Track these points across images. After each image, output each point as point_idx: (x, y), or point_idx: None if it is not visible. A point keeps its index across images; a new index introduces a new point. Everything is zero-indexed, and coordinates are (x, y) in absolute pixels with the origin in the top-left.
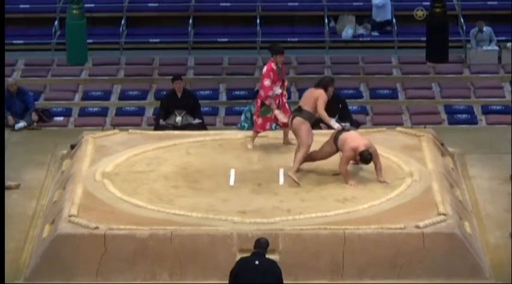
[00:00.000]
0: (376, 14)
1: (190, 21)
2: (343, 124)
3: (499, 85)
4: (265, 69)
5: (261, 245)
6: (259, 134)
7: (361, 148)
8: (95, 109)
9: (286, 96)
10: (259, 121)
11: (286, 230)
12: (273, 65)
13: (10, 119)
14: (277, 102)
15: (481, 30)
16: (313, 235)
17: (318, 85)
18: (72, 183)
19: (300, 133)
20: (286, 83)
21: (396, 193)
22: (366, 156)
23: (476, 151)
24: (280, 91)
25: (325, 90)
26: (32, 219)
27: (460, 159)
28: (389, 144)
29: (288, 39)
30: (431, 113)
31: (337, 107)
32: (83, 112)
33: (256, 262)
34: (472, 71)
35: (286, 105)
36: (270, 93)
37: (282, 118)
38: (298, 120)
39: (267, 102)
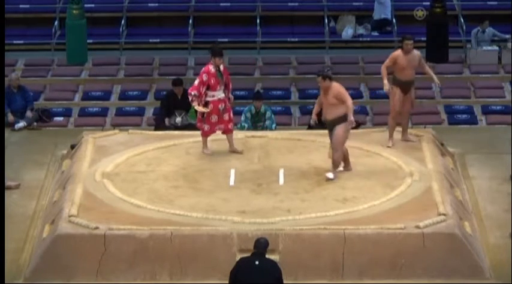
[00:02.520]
0: (375, 11)
1: (190, 21)
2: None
3: (499, 85)
4: (202, 70)
5: (261, 245)
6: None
7: None
8: (95, 109)
9: (232, 101)
10: (206, 127)
11: (286, 230)
12: (211, 67)
13: (10, 116)
14: (220, 106)
15: (483, 31)
16: (313, 235)
17: None
18: (72, 183)
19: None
20: (231, 87)
21: (396, 193)
22: None
23: (476, 151)
24: (223, 95)
25: (401, 48)
26: (32, 219)
27: (460, 159)
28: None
29: (288, 39)
30: (431, 113)
31: None
32: (83, 112)
33: (256, 263)
34: (472, 71)
35: (227, 115)
36: (193, 92)
37: (202, 109)
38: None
39: (190, 100)
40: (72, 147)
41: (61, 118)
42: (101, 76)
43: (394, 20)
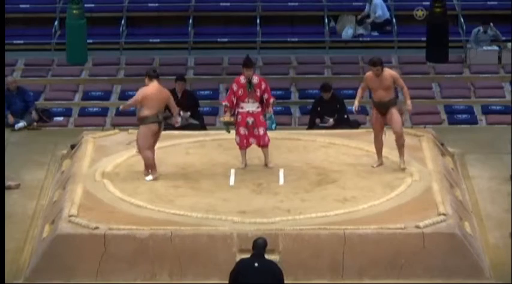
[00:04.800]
0: (374, 16)
1: (190, 21)
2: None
3: (499, 85)
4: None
5: (259, 246)
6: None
7: None
8: (95, 109)
9: (270, 112)
10: (237, 138)
11: (286, 230)
12: (241, 78)
13: (10, 118)
14: (248, 119)
15: (485, 31)
16: (313, 235)
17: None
18: (72, 183)
19: None
20: (270, 101)
21: (396, 193)
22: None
23: (476, 151)
24: (253, 109)
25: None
26: (32, 219)
27: (460, 159)
28: (390, 144)
29: (288, 39)
30: (431, 113)
31: (335, 107)
32: (83, 112)
33: (256, 264)
34: (472, 71)
35: (260, 130)
36: (224, 102)
37: (226, 119)
38: None
39: (223, 111)
40: (72, 147)
41: (61, 118)
42: (101, 76)
43: (394, 20)
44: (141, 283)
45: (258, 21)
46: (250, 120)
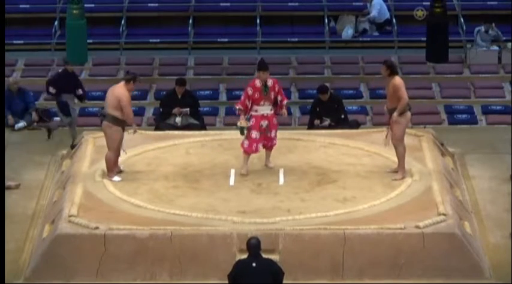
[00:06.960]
0: (376, 17)
1: (190, 21)
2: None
3: (499, 85)
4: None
5: (254, 246)
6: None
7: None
8: (95, 109)
9: (285, 115)
10: (246, 143)
11: (286, 230)
12: (257, 82)
13: (10, 118)
14: (262, 122)
15: (486, 30)
16: (313, 235)
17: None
18: (72, 183)
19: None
20: (284, 103)
21: (396, 193)
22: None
23: (476, 151)
24: (267, 112)
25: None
26: (32, 219)
27: (460, 159)
28: (390, 144)
29: (288, 39)
30: (431, 113)
31: (334, 107)
32: (83, 112)
33: (254, 264)
34: (472, 71)
35: (272, 132)
36: (238, 106)
37: (242, 123)
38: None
39: (237, 114)
40: (72, 147)
41: None
42: (101, 76)
43: (394, 20)
44: (141, 283)
45: (258, 21)
46: (264, 123)
